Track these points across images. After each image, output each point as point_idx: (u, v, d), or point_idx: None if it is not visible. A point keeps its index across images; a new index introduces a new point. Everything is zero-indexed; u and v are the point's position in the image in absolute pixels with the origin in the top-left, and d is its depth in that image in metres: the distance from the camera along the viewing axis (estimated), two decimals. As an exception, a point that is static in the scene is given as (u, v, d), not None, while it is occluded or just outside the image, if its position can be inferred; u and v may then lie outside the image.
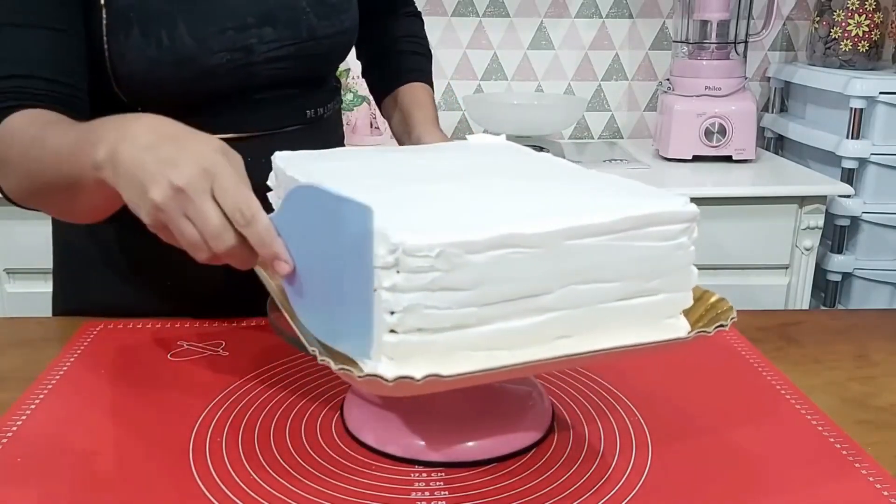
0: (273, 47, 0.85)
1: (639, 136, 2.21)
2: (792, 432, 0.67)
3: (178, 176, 0.57)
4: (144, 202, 0.59)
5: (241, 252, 0.58)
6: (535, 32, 2.13)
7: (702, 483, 0.60)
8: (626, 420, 0.69)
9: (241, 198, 0.57)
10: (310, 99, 0.92)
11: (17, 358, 0.81)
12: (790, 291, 1.79)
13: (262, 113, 0.88)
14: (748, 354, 0.82)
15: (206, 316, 0.89)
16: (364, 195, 0.52)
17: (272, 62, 0.86)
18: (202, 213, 0.57)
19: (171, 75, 0.80)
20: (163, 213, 0.58)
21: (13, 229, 1.59)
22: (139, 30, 0.79)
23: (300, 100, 0.91)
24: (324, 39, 0.89)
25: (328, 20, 0.89)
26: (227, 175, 0.58)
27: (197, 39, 0.80)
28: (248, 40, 0.83)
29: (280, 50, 0.86)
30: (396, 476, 0.61)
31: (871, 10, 1.91)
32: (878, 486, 0.60)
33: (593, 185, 0.65)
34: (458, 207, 0.58)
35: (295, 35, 0.86)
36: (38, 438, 0.66)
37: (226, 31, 0.82)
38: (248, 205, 0.57)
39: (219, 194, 0.57)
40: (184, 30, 0.80)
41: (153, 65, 0.79)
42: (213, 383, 0.75)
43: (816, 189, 1.73)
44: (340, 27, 0.91)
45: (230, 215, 0.57)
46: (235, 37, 0.82)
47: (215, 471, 0.61)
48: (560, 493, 0.59)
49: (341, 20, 0.91)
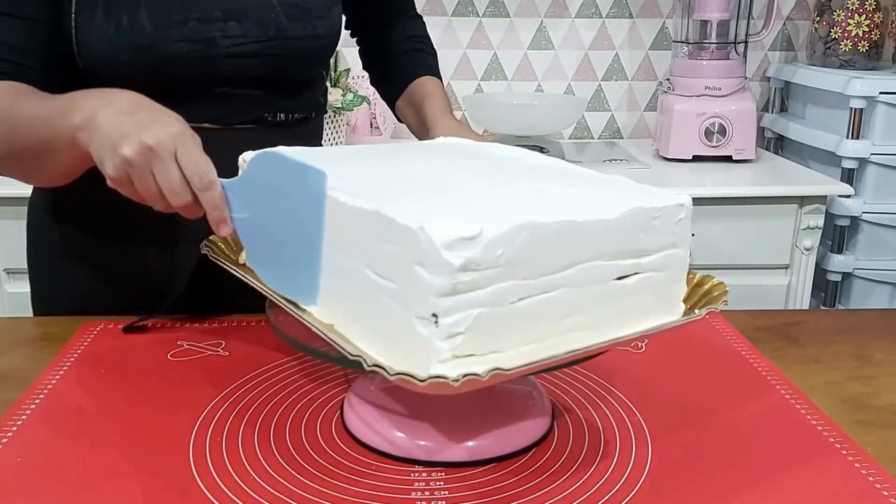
0: (237, 42, 0.85)
1: (639, 136, 2.21)
2: (792, 432, 0.67)
3: (150, 137, 0.66)
4: (114, 157, 0.67)
5: (192, 209, 0.68)
6: (535, 32, 2.13)
7: (701, 483, 0.60)
8: (625, 420, 0.69)
9: (201, 165, 0.67)
10: (275, 102, 0.91)
11: (17, 358, 0.81)
12: (790, 291, 1.79)
13: (220, 108, 0.87)
14: (748, 354, 0.82)
15: (203, 314, 0.89)
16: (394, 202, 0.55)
17: (236, 58, 0.86)
18: (166, 171, 0.67)
19: (130, 59, 0.81)
20: (131, 167, 0.67)
21: (13, 229, 1.59)
22: (103, 10, 0.81)
23: (263, 101, 0.90)
24: (293, 41, 0.88)
25: (300, 22, 0.89)
26: (191, 145, 0.68)
27: (157, 26, 0.81)
28: (212, 33, 0.84)
29: (245, 46, 0.86)
30: (396, 476, 0.61)
31: (871, 10, 1.91)
32: (878, 485, 0.60)
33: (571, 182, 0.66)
34: (476, 205, 0.58)
35: (262, 33, 0.86)
36: (38, 438, 0.66)
37: (189, 21, 0.83)
38: (207, 172, 0.67)
39: (182, 159, 0.67)
40: (144, 15, 0.81)
41: (112, 46, 0.81)
42: (213, 383, 0.75)
43: (816, 189, 1.73)
44: (313, 32, 0.90)
45: (189, 178, 0.67)
46: (198, 28, 0.83)
47: (215, 471, 0.61)
48: (560, 493, 0.59)
49: (314, 25, 0.90)
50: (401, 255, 0.52)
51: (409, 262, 0.51)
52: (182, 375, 0.76)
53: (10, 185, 0.95)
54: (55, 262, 0.96)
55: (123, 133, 0.67)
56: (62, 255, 0.95)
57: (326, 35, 0.92)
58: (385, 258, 0.54)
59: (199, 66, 0.84)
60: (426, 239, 0.50)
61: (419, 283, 0.51)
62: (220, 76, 0.86)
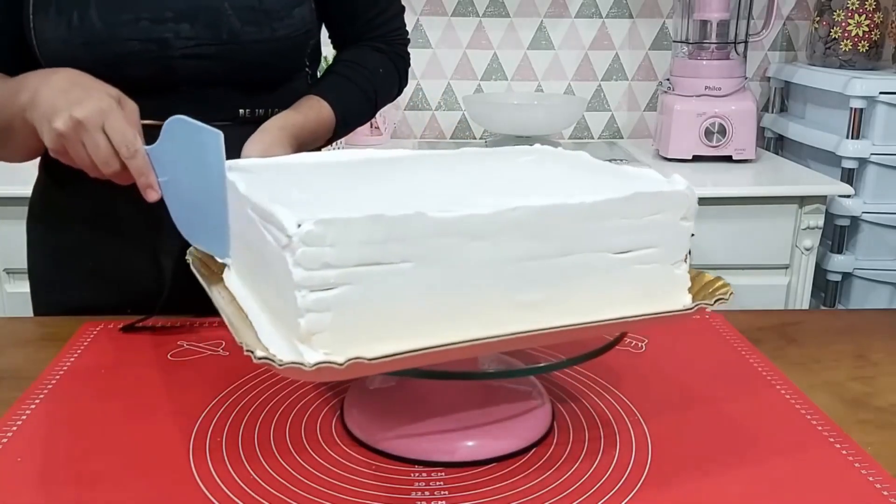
0: (190, 44, 0.86)
1: (639, 136, 2.21)
2: (792, 432, 0.67)
3: (79, 111, 0.72)
4: (50, 130, 0.73)
5: (122, 175, 0.75)
6: (535, 32, 2.13)
7: (701, 483, 0.60)
8: (626, 420, 0.69)
9: (127, 135, 0.73)
10: (250, 97, 0.91)
11: (17, 358, 0.81)
12: (790, 291, 1.79)
13: (184, 106, 0.85)
14: (748, 354, 0.82)
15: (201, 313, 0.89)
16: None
17: (191, 58, 0.86)
18: (94, 142, 0.73)
19: (84, 56, 0.83)
20: (64, 139, 0.73)
21: (13, 229, 1.59)
22: (55, 9, 0.83)
23: (236, 97, 0.90)
24: (250, 45, 0.88)
25: (256, 26, 0.87)
26: (118, 117, 0.74)
27: (107, 24, 0.83)
28: (164, 34, 0.85)
29: (199, 48, 0.86)
30: (396, 476, 0.61)
31: (871, 10, 1.91)
32: (878, 485, 0.60)
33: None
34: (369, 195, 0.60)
35: (214, 36, 0.86)
36: (38, 438, 0.66)
37: (140, 20, 0.84)
38: (132, 142, 0.73)
39: (109, 131, 0.73)
40: (94, 13, 0.83)
41: (65, 44, 0.83)
42: (213, 383, 0.75)
43: (816, 189, 1.74)
44: (272, 35, 0.88)
45: (117, 147, 0.73)
46: (150, 28, 0.84)
47: (215, 471, 0.61)
48: (560, 493, 0.59)
49: (272, 28, 0.88)
50: (273, 239, 0.54)
51: (277, 247, 0.53)
52: (182, 375, 0.76)
53: (11, 185, 0.95)
54: (53, 263, 0.97)
55: (57, 108, 0.73)
56: (60, 256, 0.96)
57: (288, 37, 0.90)
58: (263, 241, 0.57)
59: (157, 64, 0.85)
60: (279, 223, 0.52)
61: (284, 267, 0.52)
62: (183, 75, 0.87)
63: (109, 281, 0.94)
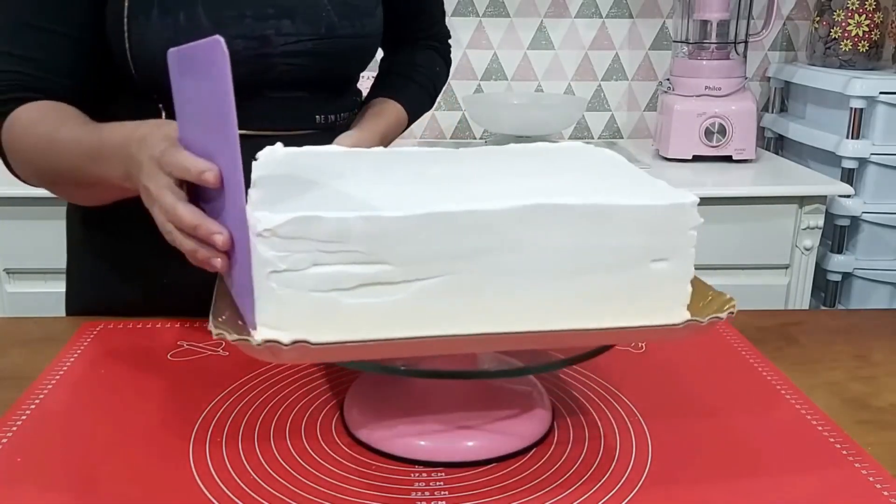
0: (290, 41, 0.85)
1: (639, 136, 2.21)
2: (792, 432, 0.67)
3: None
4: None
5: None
6: (535, 32, 2.13)
7: (701, 483, 0.60)
8: (625, 420, 0.69)
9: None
10: (322, 104, 0.92)
11: (17, 358, 0.81)
12: (790, 291, 1.79)
13: (273, 113, 0.87)
14: (748, 354, 0.82)
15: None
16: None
17: (289, 56, 0.86)
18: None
19: None
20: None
21: (13, 229, 1.59)
22: (158, 10, 0.80)
23: (311, 103, 0.91)
24: (343, 39, 0.89)
25: (349, 20, 0.89)
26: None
27: (214, 21, 0.81)
28: (266, 30, 0.84)
29: (298, 45, 0.86)
30: (396, 476, 0.61)
31: (871, 10, 1.91)
32: (878, 486, 0.60)
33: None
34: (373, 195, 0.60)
35: (314, 31, 0.86)
36: (38, 438, 0.66)
37: (244, 17, 0.83)
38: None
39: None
40: (202, 11, 0.81)
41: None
42: (213, 383, 0.75)
43: (816, 189, 1.73)
44: (361, 30, 0.91)
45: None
46: (253, 24, 0.83)
47: (215, 471, 0.61)
48: (560, 493, 0.59)
49: (363, 23, 0.91)
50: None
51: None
52: (182, 375, 0.76)
53: (11, 185, 0.95)
54: (92, 266, 0.95)
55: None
56: (98, 259, 0.95)
57: (372, 34, 0.93)
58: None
59: (253, 65, 0.84)
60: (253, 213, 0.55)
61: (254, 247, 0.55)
62: (272, 77, 0.86)
63: (172, 290, 0.90)
